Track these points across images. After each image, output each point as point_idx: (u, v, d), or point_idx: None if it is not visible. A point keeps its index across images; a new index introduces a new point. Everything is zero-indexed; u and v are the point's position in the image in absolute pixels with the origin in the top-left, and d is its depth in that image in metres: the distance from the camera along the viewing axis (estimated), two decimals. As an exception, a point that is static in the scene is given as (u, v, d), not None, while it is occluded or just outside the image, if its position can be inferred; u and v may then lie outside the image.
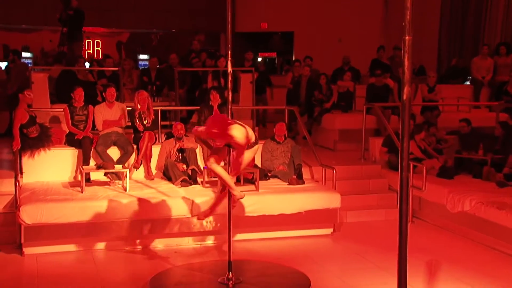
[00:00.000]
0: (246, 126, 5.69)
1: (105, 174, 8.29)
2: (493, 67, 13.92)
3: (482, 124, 10.95)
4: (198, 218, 6.85)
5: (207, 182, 8.06)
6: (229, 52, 5.93)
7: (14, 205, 7.35)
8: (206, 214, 6.56)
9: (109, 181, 8.21)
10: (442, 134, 10.28)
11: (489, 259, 7.17)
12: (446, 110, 12.60)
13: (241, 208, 7.43)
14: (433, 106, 11.96)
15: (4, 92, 12.38)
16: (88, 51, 20.37)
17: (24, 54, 17.15)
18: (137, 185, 8.05)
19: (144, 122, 8.63)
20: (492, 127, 10.32)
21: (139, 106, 8.63)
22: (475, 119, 10.37)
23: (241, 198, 5.99)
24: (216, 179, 7.92)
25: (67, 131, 8.69)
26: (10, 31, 20.13)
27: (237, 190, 5.91)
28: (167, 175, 8.31)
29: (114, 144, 8.57)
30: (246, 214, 7.51)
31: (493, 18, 16.08)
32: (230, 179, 5.88)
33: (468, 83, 14.61)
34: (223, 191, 6.22)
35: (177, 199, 7.43)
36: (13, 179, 7.58)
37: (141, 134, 8.52)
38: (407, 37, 3.64)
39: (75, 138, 8.45)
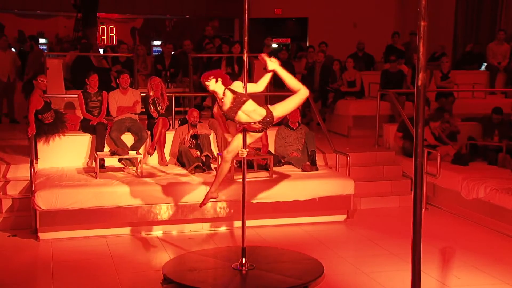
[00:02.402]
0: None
1: (119, 160, 8.33)
2: (509, 52, 13.79)
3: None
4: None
5: (220, 168, 8.07)
6: (246, 38, 5.90)
7: (30, 191, 7.39)
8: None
9: (123, 167, 8.25)
10: (455, 121, 10.20)
11: (504, 246, 7.14)
12: (461, 96, 12.52)
13: (254, 194, 7.44)
14: (448, 93, 11.88)
15: (20, 78, 12.45)
16: (103, 37, 20.42)
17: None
18: (151, 171, 8.08)
19: (158, 108, 8.64)
20: (508, 113, 10.24)
21: (151, 93, 8.64)
22: (490, 105, 10.27)
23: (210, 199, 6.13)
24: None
25: (82, 117, 8.73)
26: (25, 17, 20.24)
27: (215, 192, 6.04)
28: (180, 161, 8.33)
29: (128, 130, 8.59)
30: (260, 201, 7.52)
31: (510, 3, 15.90)
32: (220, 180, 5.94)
33: (483, 69, 14.49)
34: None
35: (191, 185, 7.45)
36: (29, 165, 7.62)
37: (155, 120, 8.54)
38: (422, 23, 3.60)
39: (90, 124, 8.49)
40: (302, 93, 5.67)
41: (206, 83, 5.58)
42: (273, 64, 5.68)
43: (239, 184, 6.21)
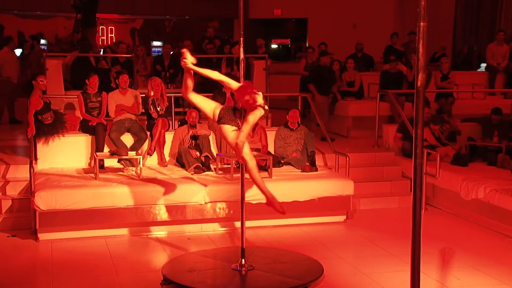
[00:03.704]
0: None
1: (119, 161, 8.33)
2: (508, 53, 13.79)
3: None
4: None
5: (220, 169, 8.07)
6: (241, 38, 5.90)
7: (29, 191, 7.40)
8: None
9: (123, 168, 8.25)
10: (455, 122, 10.20)
11: (503, 247, 7.14)
12: (461, 97, 12.52)
13: (254, 195, 7.43)
14: (448, 93, 11.87)
15: (22, 78, 12.48)
16: (102, 37, 20.41)
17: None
18: (151, 172, 8.08)
19: (158, 109, 8.64)
20: (508, 114, 10.24)
21: (152, 93, 8.64)
22: (490, 106, 10.27)
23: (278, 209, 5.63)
24: (229, 166, 7.95)
25: (81, 118, 8.72)
26: (24, 17, 20.23)
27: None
28: (180, 161, 8.32)
29: (128, 131, 8.59)
30: (259, 201, 7.50)
31: (509, 4, 15.91)
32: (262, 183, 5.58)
33: (483, 69, 14.50)
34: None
35: (190, 186, 7.45)
36: (28, 165, 7.61)
37: (155, 120, 8.53)
38: (422, 23, 3.60)
39: (89, 124, 8.48)
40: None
41: (258, 99, 5.26)
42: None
43: (238, 184, 6.21)
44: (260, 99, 5.29)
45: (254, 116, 5.33)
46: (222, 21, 20.18)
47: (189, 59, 5.38)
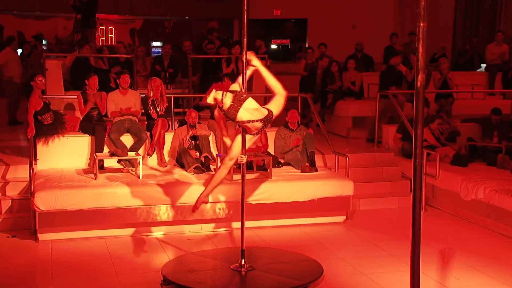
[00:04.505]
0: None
1: (119, 161, 8.33)
2: (508, 53, 13.81)
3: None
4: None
5: (220, 169, 8.07)
6: (245, 39, 5.88)
7: (29, 192, 7.39)
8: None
9: (123, 168, 8.24)
10: (454, 122, 10.20)
11: (503, 247, 7.15)
12: (461, 97, 12.51)
13: (253, 195, 7.44)
14: (448, 94, 11.87)
15: (24, 79, 12.51)
16: (102, 38, 20.40)
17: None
18: (150, 172, 8.08)
19: (158, 109, 8.64)
20: (507, 114, 10.23)
21: (151, 94, 8.63)
22: (490, 106, 10.27)
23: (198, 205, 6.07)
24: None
25: (81, 118, 8.71)
26: (24, 18, 20.23)
27: (207, 197, 6.06)
28: (180, 162, 8.32)
29: (128, 131, 8.59)
30: (259, 202, 7.52)
31: (509, 4, 15.93)
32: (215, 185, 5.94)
33: (482, 69, 14.52)
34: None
35: (190, 186, 7.44)
36: (28, 166, 7.61)
37: (154, 121, 8.53)
38: (421, 24, 3.61)
39: (95, 114, 8.44)
40: (284, 94, 5.70)
41: (207, 101, 5.61)
42: (257, 61, 5.69)
43: (238, 185, 6.21)
44: (209, 97, 5.56)
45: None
46: (222, 21, 20.19)
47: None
